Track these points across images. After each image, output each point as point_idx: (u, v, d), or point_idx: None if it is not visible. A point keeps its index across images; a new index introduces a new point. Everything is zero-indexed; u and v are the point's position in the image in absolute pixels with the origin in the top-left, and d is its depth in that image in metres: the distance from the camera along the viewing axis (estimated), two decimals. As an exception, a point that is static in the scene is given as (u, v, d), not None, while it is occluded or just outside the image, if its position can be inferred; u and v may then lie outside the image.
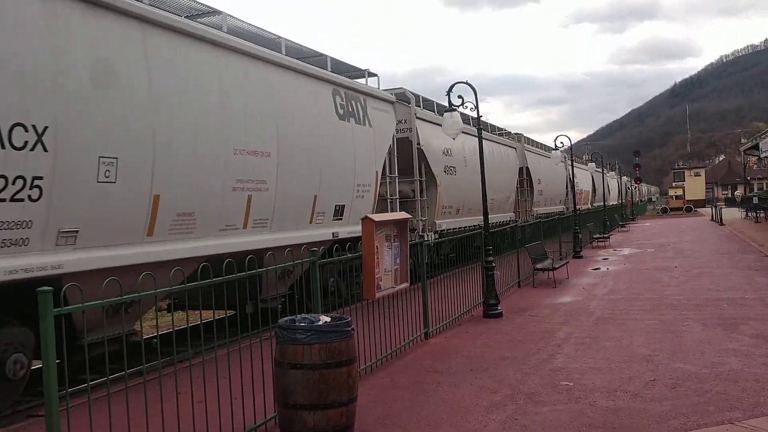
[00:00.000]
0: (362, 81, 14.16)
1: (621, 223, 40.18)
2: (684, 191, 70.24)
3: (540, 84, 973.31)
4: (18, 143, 6.21)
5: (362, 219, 7.75)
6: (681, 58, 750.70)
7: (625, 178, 65.57)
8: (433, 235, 15.86)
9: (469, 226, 17.41)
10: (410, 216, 9.58)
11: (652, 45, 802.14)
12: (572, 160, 26.89)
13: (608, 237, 27.72)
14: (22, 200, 6.29)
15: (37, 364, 7.12)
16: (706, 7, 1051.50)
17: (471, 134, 17.65)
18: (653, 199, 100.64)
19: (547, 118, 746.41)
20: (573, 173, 26.87)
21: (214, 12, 10.18)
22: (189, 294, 7.80)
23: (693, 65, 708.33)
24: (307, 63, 11.70)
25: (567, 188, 34.22)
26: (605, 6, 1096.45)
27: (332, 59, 13.02)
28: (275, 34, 11.50)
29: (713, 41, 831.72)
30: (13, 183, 6.20)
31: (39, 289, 3.90)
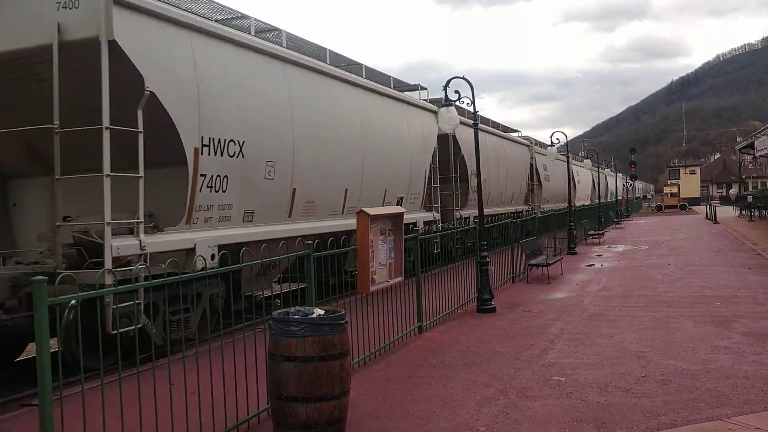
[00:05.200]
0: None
1: (616, 220, 40.29)
2: (679, 189, 70.40)
3: (533, 81, 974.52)
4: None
5: (357, 213, 7.75)
6: (671, 57, 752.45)
7: (620, 175, 65.66)
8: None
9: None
10: (405, 210, 9.60)
11: (642, 44, 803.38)
12: (568, 157, 26.94)
13: (603, 234, 27.82)
14: None
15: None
16: (694, 8, 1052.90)
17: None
18: (648, 197, 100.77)
19: (540, 115, 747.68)
20: (569, 168, 26.95)
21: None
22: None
23: (683, 64, 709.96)
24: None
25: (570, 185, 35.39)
26: (593, 5, 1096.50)
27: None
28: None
29: (703, 41, 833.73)
30: None
31: (33, 278, 3.90)
